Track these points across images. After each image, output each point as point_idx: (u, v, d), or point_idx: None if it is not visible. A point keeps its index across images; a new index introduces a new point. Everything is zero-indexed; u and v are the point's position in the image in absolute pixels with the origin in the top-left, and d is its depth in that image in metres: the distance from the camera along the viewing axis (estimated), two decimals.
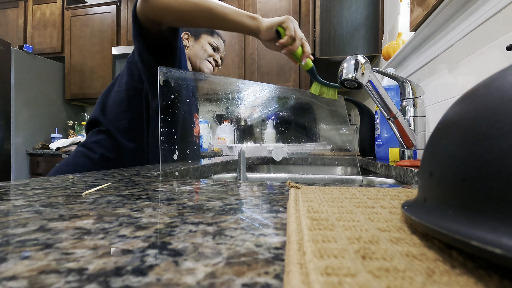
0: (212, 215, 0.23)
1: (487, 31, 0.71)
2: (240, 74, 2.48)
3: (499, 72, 0.16)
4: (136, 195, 0.31)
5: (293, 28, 0.72)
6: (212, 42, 1.05)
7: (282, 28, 0.72)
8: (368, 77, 0.68)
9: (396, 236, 0.16)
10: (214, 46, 1.05)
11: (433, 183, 0.17)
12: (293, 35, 0.72)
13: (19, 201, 0.27)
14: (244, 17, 0.72)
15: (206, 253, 0.15)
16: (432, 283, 0.11)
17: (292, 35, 0.72)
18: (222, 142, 1.95)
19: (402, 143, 0.80)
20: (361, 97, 2.05)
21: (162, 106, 0.80)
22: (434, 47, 0.97)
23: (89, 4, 2.92)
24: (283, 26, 0.72)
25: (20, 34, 3.00)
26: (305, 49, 0.75)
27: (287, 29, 0.72)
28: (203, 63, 1.03)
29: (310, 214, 0.21)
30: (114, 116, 0.85)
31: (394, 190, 0.32)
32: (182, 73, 0.83)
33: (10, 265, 0.13)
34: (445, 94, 0.90)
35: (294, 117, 1.06)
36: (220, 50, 1.08)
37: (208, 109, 2.59)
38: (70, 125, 3.05)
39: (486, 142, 0.13)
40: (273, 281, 0.12)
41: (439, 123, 0.18)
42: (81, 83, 2.89)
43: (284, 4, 2.42)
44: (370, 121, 1.19)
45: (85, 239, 0.17)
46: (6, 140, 2.44)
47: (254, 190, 0.35)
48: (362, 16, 1.74)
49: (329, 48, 1.77)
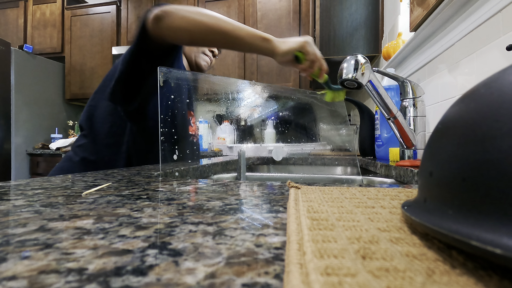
0: (212, 215, 0.23)
1: (487, 31, 0.71)
2: (240, 74, 2.48)
3: (499, 72, 0.16)
4: (136, 195, 0.31)
5: (312, 52, 0.70)
6: None
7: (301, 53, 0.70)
8: (368, 77, 0.68)
9: (396, 236, 0.16)
10: None
11: (433, 183, 0.17)
12: (313, 59, 0.70)
13: (19, 201, 0.27)
14: (258, 40, 0.69)
15: (206, 253, 0.15)
16: (432, 283, 0.11)
17: (312, 59, 0.70)
18: (222, 142, 1.95)
19: (402, 143, 0.80)
20: (361, 97, 2.05)
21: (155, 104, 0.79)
22: (434, 47, 0.97)
23: (89, 4, 2.92)
24: (302, 51, 0.70)
25: (20, 34, 3.00)
26: (323, 67, 0.74)
27: (307, 54, 0.70)
28: (199, 57, 0.99)
29: (310, 214, 0.21)
30: (99, 120, 0.85)
31: (394, 190, 0.32)
32: (182, 73, 0.83)
33: (10, 265, 0.13)
34: (445, 94, 0.90)
35: (294, 117, 1.06)
36: None
37: (208, 109, 2.59)
38: (70, 125, 3.05)
39: (486, 142, 0.13)
40: (273, 281, 0.12)
41: (439, 123, 0.18)
42: (81, 83, 2.89)
43: (284, 4, 2.42)
44: (370, 121, 1.19)
45: (85, 239, 0.17)
46: (6, 140, 2.44)
47: (254, 190, 0.35)
48: (362, 16, 1.74)
49: (329, 48, 1.77)
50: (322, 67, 0.74)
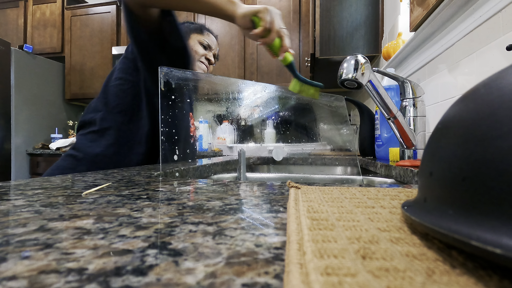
0: (212, 215, 0.23)
1: (487, 31, 0.71)
2: (240, 74, 2.48)
3: (499, 72, 0.16)
4: (136, 195, 0.31)
5: (269, 20, 0.67)
6: (203, 40, 1.00)
7: (257, 18, 0.68)
8: (368, 77, 0.68)
9: (396, 236, 0.16)
10: (205, 44, 1.01)
11: (433, 183, 0.17)
12: (268, 26, 0.68)
13: (19, 201, 0.27)
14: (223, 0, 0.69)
15: (206, 253, 0.15)
16: (432, 283, 0.11)
17: (266, 26, 0.68)
18: (222, 142, 1.95)
19: (402, 143, 0.80)
20: (361, 97, 2.05)
21: (156, 105, 0.80)
22: (434, 47, 0.97)
23: (89, 4, 2.92)
24: (258, 16, 0.68)
25: (20, 34, 3.00)
26: (283, 42, 0.71)
27: (262, 19, 0.68)
28: (195, 65, 0.99)
29: (310, 214, 0.21)
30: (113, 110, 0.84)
31: (394, 190, 0.32)
32: (183, 73, 0.83)
33: (10, 265, 0.13)
34: (445, 94, 0.90)
35: (294, 117, 1.06)
36: (212, 47, 1.03)
37: (208, 109, 2.59)
38: (70, 125, 3.05)
39: (486, 142, 0.13)
40: (273, 281, 0.12)
41: (439, 123, 0.18)
42: (81, 83, 2.89)
43: (284, 4, 2.42)
44: (370, 121, 1.19)
45: (85, 239, 0.17)
46: (6, 140, 2.44)
47: (254, 190, 0.35)
48: (362, 16, 1.74)
49: (329, 48, 1.77)
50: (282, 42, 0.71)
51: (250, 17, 0.68)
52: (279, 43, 0.70)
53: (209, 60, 1.02)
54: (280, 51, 0.71)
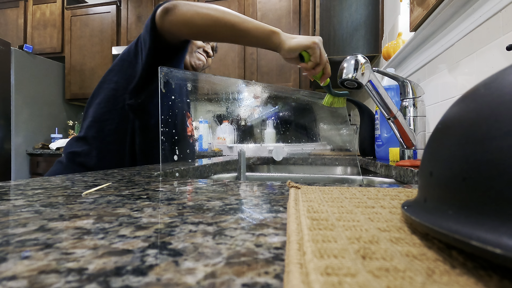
0: (212, 215, 0.23)
1: (487, 31, 0.71)
2: (240, 74, 2.48)
3: (499, 72, 0.16)
4: (136, 195, 0.31)
5: (319, 55, 0.69)
6: None
7: (307, 53, 0.69)
8: (368, 77, 0.68)
9: (396, 236, 0.16)
10: None
11: (433, 183, 0.17)
12: (318, 61, 0.69)
13: (19, 201, 0.27)
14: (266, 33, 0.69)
15: (206, 253, 0.15)
16: (432, 283, 0.11)
17: (317, 62, 0.69)
18: (222, 142, 1.95)
19: (402, 143, 0.80)
20: (361, 97, 2.05)
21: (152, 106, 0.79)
22: (434, 47, 0.97)
23: (89, 4, 2.92)
24: (308, 51, 0.68)
25: (20, 34, 3.00)
26: (326, 71, 0.72)
27: (313, 55, 0.69)
28: (193, 56, 0.98)
29: (310, 214, 0.21)
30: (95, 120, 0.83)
31: (394, 190, 0.32)
32: (183, 73, 0.83)
33: (10, 265, 0.13)
34: (445, 94, 0.90)
35: (294, 117, 1.06)
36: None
37: (208, 109, 2.59)
38: (70, 125, 3.05)
39: (486, 142, 0.13)
40: (273, 281, 0.12)
41: (439, 123, 0.18)
42: (81, 83, 2.89)
43: (284, 4, 2.42)
44: (370, 121, 1.19)
45: (85, 239, 0.17)
46: (6, 140, 2.44)
47: (254, 190, 0.35)
48: (362, 16, 1.74)
49: (329, 48, 1.77)
50: (325, 70, 0.73)
51: (298, 53, 0.69)
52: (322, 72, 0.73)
53: (207, 52, 1.01)
54: (322, 78, 0.74)
